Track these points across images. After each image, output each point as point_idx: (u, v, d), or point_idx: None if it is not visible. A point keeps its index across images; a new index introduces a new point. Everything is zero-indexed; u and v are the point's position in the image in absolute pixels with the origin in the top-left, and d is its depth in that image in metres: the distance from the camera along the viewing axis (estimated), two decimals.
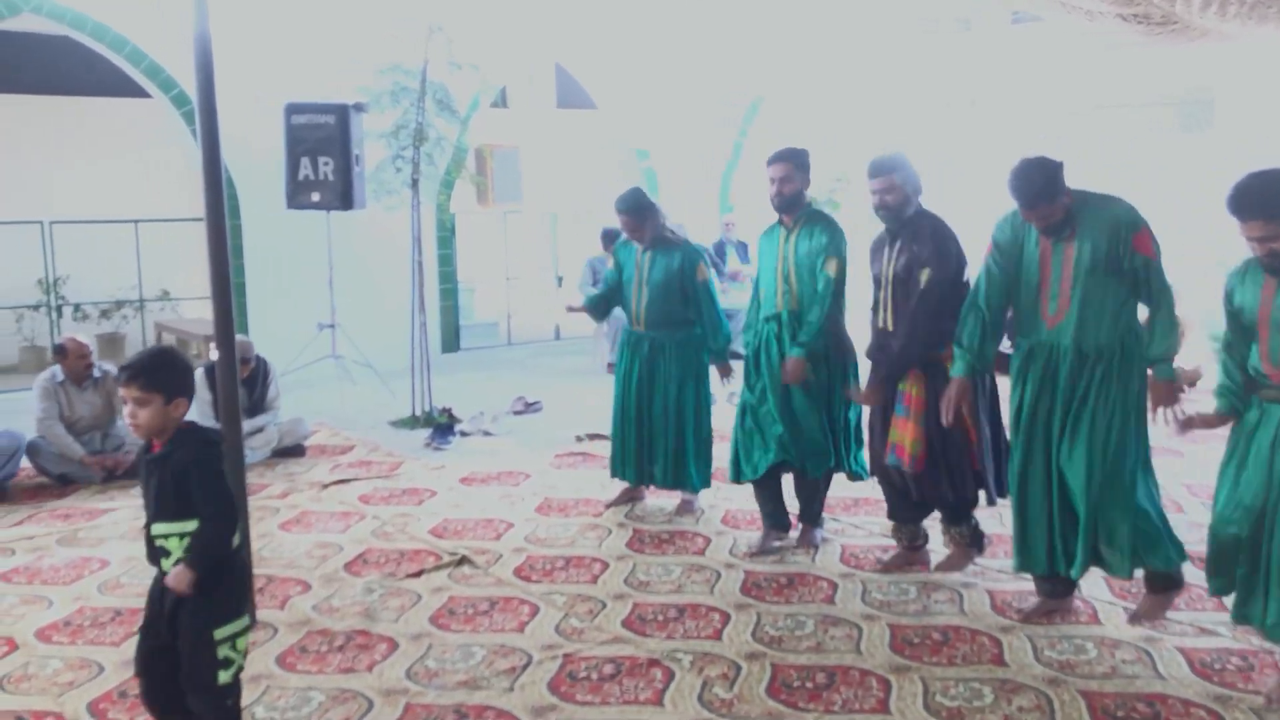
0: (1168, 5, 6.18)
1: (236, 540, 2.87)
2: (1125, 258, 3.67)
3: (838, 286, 4.63)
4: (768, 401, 4.74)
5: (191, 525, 2.76)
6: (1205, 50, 8.59)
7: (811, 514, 4.94)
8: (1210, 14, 6.12)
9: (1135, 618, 3.95)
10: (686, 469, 5.34)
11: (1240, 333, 3.42)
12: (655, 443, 5.37)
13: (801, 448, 4.71)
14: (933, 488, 4.35)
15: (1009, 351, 4.04)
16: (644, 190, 5.48)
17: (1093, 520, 3.78)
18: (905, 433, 4.25)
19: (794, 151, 4.73)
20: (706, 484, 5.44)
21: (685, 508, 5.46)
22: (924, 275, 4.19)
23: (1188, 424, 3.59)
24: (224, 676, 2.80)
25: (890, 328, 4.33)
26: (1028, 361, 3.92)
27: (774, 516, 4.93)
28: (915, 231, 4.26)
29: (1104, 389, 3.74)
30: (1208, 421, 3.55)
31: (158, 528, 2.80)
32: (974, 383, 4.16)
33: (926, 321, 4.19)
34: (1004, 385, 4.07)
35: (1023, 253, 3.89)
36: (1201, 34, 6.64)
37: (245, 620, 2.88)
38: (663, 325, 5.31)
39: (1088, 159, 3.85)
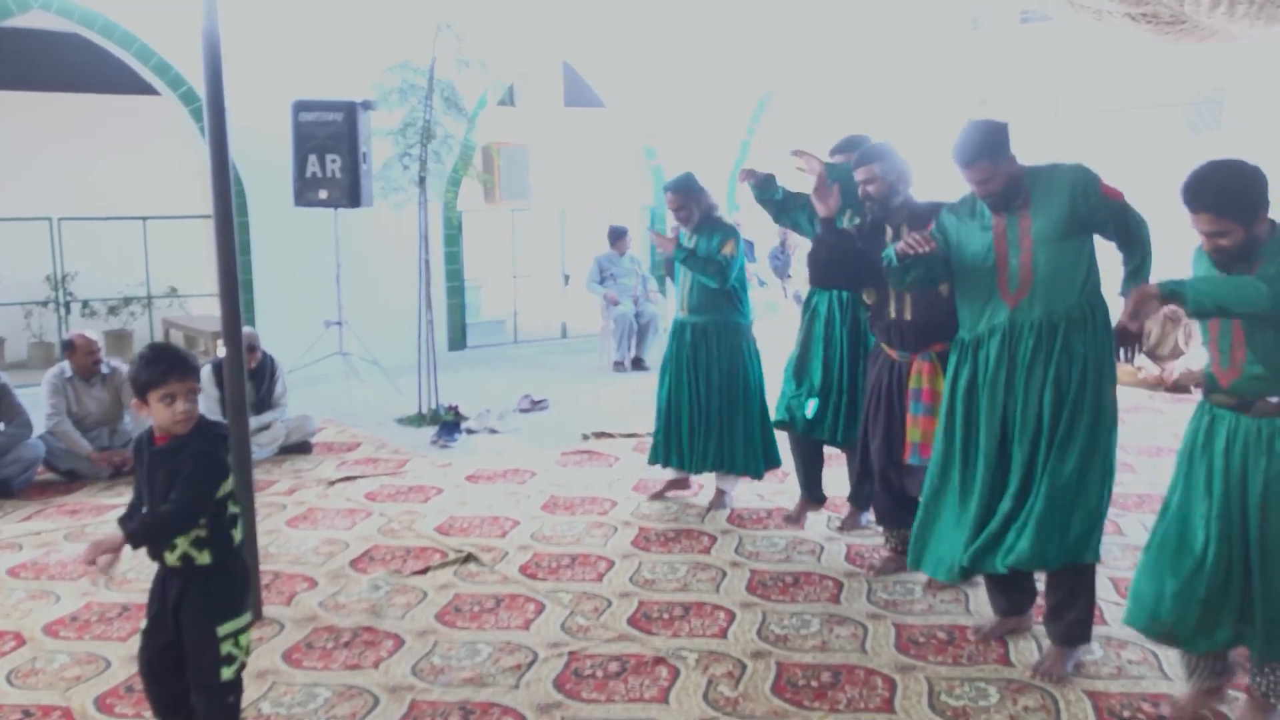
0: (1176, 5, 6.16)
1: (239, 536, 2.88)
2: (1096, 209, 3.51)
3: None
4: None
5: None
6: (1214, 51, 8.57)
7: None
8: (1219, 14, 6.10)
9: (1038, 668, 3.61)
10: (735, 454, 5.33)
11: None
12: (705, 429, 5.36)
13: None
14: None
15: None
16: (695, 175, 5.46)
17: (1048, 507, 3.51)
18: (930, 429, 4.07)
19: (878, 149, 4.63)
20: (758, 473, 5.43)
21: (719, 500, 5.46)
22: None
23: (1176, 384, 3.38)
24: (227, 673, 2.81)
25: (906, 317, 4.23)
26: (976, 347, 3.68)
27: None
28: (910, 217, 4.22)
29: (1074, 356, 3.51)
30: (1196, 379, 3.37)
31: None
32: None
33: None
34: None
35: (973, 240, 3.68)
36: (1210, 34, 6.62)
37: (248, 617, 2.89)
38: (706, 310, 5.32)
39: (1096, 159, 3.83)
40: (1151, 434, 6.73)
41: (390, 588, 4.44)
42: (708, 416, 5.34)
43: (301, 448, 6.80)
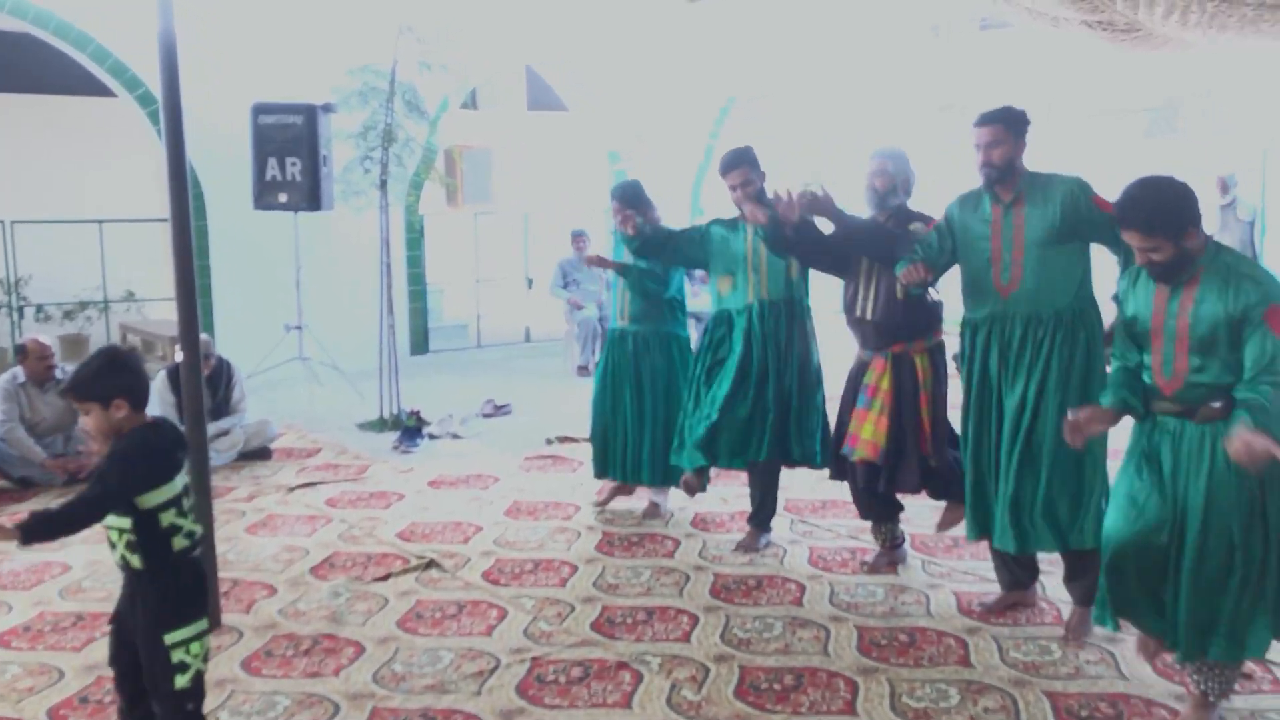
0: (1131, 13, 6.25)
1: (185, 543, 2.78)
2: (1086, 220, 3.70)
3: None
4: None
5: (127, 523, 2.70)
6: (1171, 59, 8.70)
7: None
8: (1172, 22, 6.19)
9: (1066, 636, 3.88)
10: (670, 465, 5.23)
11: (1133, 341, 3.30)
12: (641, 440, 5.31)
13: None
14: (883, 481, 4.32)
15: None
16: (643, 185, 5.45)
17: (1050, 493, 3.75)
18: (866, 424, 4.25)
19: (741, 153, 4.83)
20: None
21: (652, 511, 5.43)
22: (914, 226, 4.22)
23: (1074, 426, 3.34)
24: (180, 681, 2.76)
25: (869, 317, 4.31)
26: (980, 333, 3.92)
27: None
28: (903, 224, 4.29)
29: (1062, 357, 3.73)
30: (1097, 417, 3.34)
31: (108, 519, 2.74)
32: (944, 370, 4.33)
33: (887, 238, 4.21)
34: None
35: (970, 228, 3.92)
36: (1163, 42, 6.72)
37: (201, 624, 2.83)
38: (646, 319, 5.31)
39: (1054, 164, 3.91)
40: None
41: (351, 594, 4.40)
42: (651, 427, 5.27)
43: (261, 453, 6.72)
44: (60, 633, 4.03)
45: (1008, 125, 3.80)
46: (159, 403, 6.38)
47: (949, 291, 4.30)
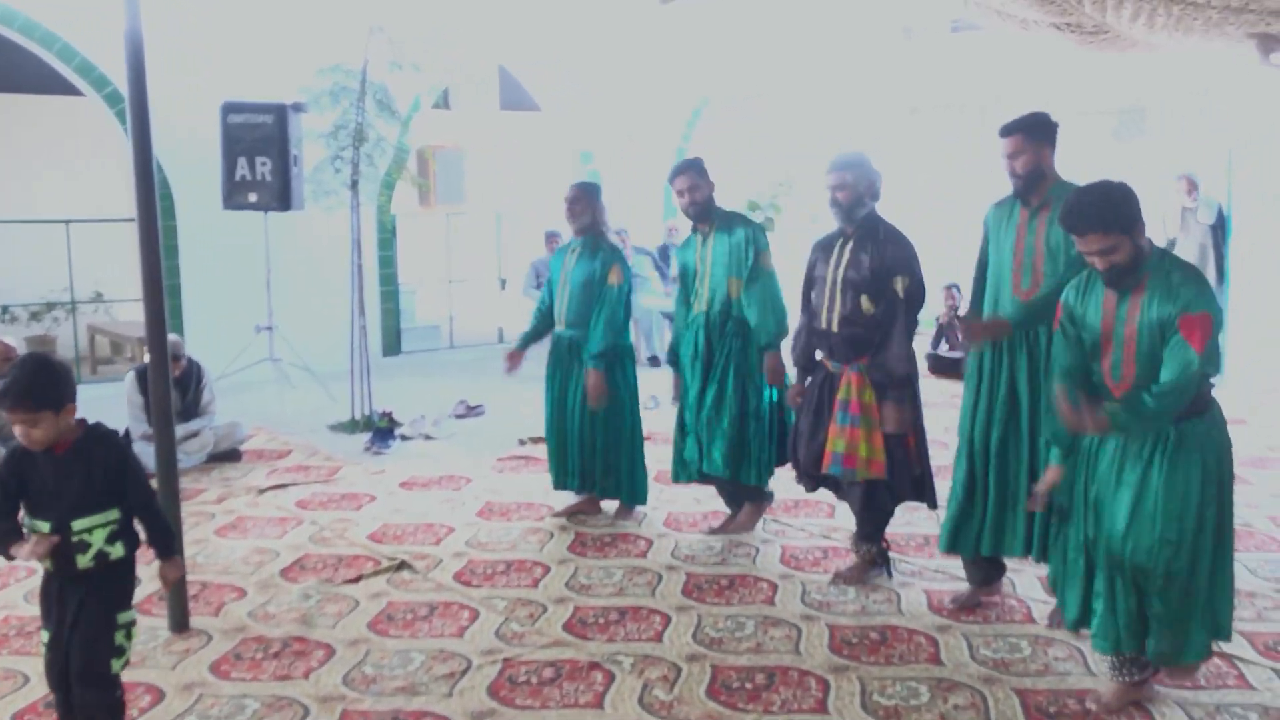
0: (1099, 15, 6.30)
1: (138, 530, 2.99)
2: None
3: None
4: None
5: (115, 514, 2.86)
6: (1140, 61, 8.79)
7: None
8: (1139, 25, 6.25)
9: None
10: (619, 478, 5.26)
11: (1080, 351, 3.34)
12: (588, 448, 5.24)
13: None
14: (889, 497, 4.36)
15: (947, 354, 4.10)
16: (598, 185, 5.46)
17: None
18: (860, 443, 4.18)
19: (689, 161, 4.98)
20: (641, 499, 5.34)
21: (624, 512, 5.41)
22: (899, 284, 4.16)
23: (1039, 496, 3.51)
24: (116, 665, 2.90)
25: (834, 329, 4.26)
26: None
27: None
28: (871, 235, 4.23)
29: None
30: (1054, 475, 3.44)
31: (80, 523, 2.82)
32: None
33: (909, 329, 4.22)
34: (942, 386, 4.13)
35: (1000, 234, 3.98)
36: (1131, 44, 6.78)
37: (135, 612, 3.00)
38: (583, 325, 5.20)
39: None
40: None
41: (321, 597, 4.37)
42: (593, 437, 5.20)
43: (231, 455, 6.67)
44: (25, 637, 3.98)
45: (1027, 134, 3.85)
46: (127, 404, 6.32)
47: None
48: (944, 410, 6.32)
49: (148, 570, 3.39)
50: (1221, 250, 9.50)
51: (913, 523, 5.07)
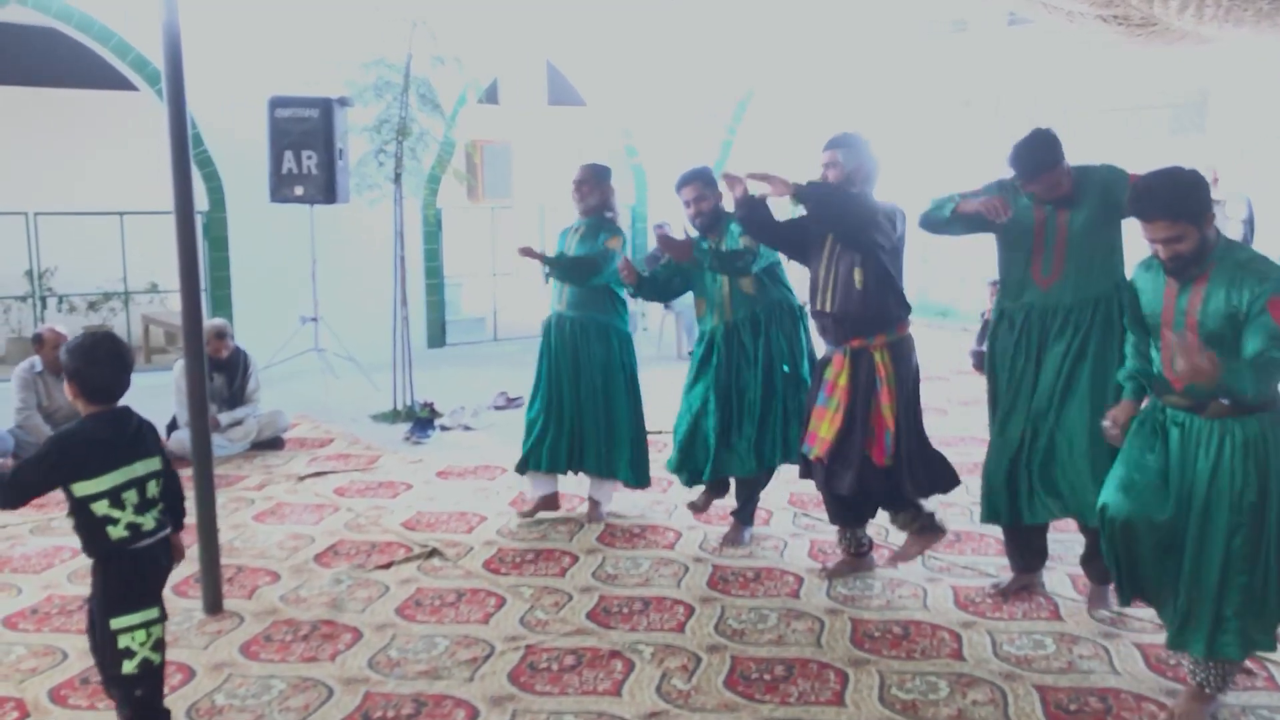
0: (1146, 7, 6.20)
1: (125, 534, 2.83)
2: (1119, 202, 3.69)
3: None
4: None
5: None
6: (1198, 55, 8.62)
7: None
8: (1188, 16, 6.14)
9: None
10: (616, 460, 5.17)
11: (1144, 331, 3.32)
12: (582, 428, 5.17)
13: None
14: (837, 481, 4.25)
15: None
16: (608, 168, 5.44)
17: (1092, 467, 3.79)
18: (824, 422, 4.20)
19: (697, 171, 4.90)
20: (641, 482, 5.24)
21: (594, 512, 5.30)
22: (877, 235, 4.09)
23: (1110, 430, 3.45)
24: (128, 667, 2.84)
25: (831, 309, 4.22)
26: (1017, 321, 4.01)
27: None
28: None
29: (1103, 339, 3.82)
30: (1126, 410, 3.42)
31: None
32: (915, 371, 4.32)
33: (880, 228, 4.07)
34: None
35: (1021, 221, 3.95)
36: (1180, 37, 6.67)
37: (150, 614, 2.88)
38: (585, 306, 5.17)
39: (1080, 160, 3.90)
40: None
41: (352, 582, 4.45)
42: (593, 415, 5.14)
43: (273, 443, 6.79)
44: (66, 615, 4.10)
45: (1049, 166, 3.83)
46: (174, 392, 6.46)
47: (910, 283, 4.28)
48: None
49: (188, 554, 3.47)
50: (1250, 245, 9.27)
51: (944, 518, 5.02)
